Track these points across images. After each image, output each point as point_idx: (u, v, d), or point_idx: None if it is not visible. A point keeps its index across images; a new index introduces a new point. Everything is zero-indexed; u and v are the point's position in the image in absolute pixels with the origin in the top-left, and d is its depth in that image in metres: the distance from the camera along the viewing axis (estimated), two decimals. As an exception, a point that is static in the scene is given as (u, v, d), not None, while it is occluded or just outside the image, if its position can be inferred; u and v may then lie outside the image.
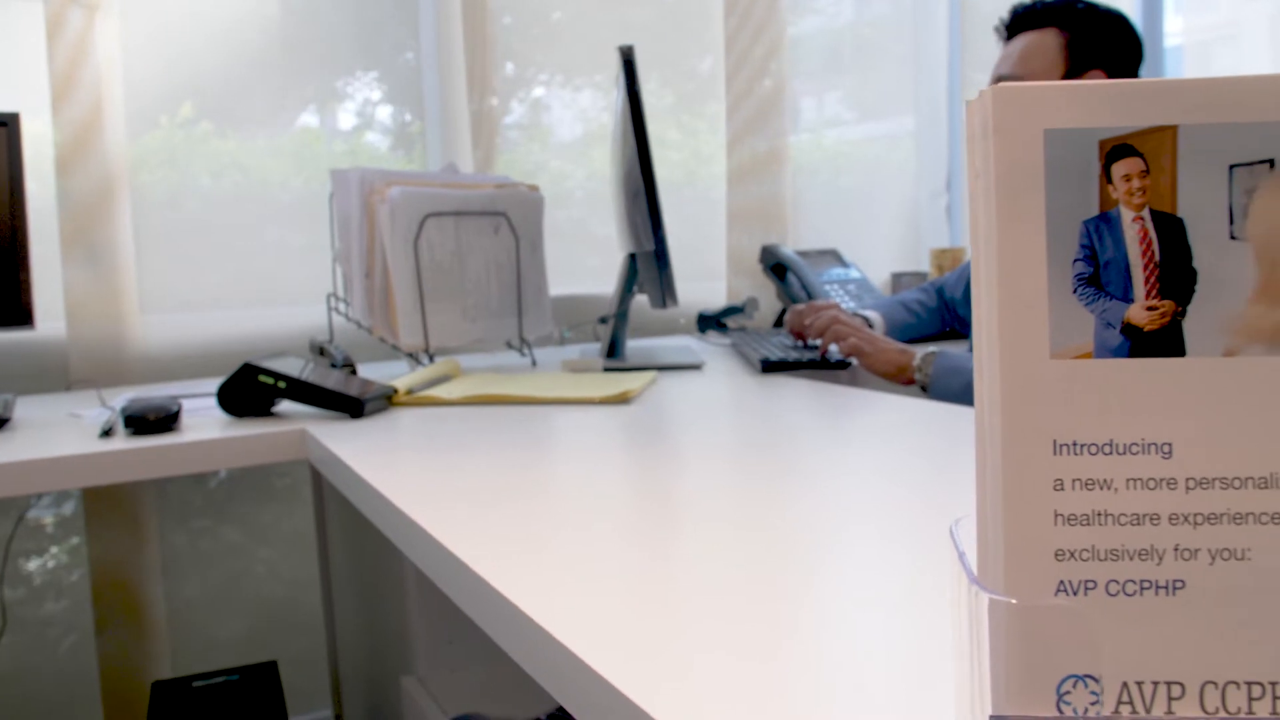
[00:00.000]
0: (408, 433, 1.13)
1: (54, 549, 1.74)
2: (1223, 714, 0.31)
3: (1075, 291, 0.32)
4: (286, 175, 1.89)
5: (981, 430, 0.33)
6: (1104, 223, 0.32)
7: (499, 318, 1.58)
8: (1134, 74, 1.54)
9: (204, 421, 1.22)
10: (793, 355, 1.45)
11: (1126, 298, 0.32)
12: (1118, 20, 1.55)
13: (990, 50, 1.70)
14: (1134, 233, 0.32)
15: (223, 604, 1.82)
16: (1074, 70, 1.51)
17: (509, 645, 0.61)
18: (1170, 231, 0.32)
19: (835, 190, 2.40)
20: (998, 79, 1.57)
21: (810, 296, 1.87)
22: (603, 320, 1.58)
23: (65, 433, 1.20)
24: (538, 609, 0.57)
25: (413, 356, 1.56)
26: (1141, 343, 0.31)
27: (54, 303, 1.60)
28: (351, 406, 1.20)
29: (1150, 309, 0.31)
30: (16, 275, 1.36)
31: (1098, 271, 0.32)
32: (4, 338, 1.57)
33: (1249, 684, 0.31)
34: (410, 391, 1.29)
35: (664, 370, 1.48)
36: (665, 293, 1.41)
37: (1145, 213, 0.32)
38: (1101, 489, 0.31)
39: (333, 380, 1.24)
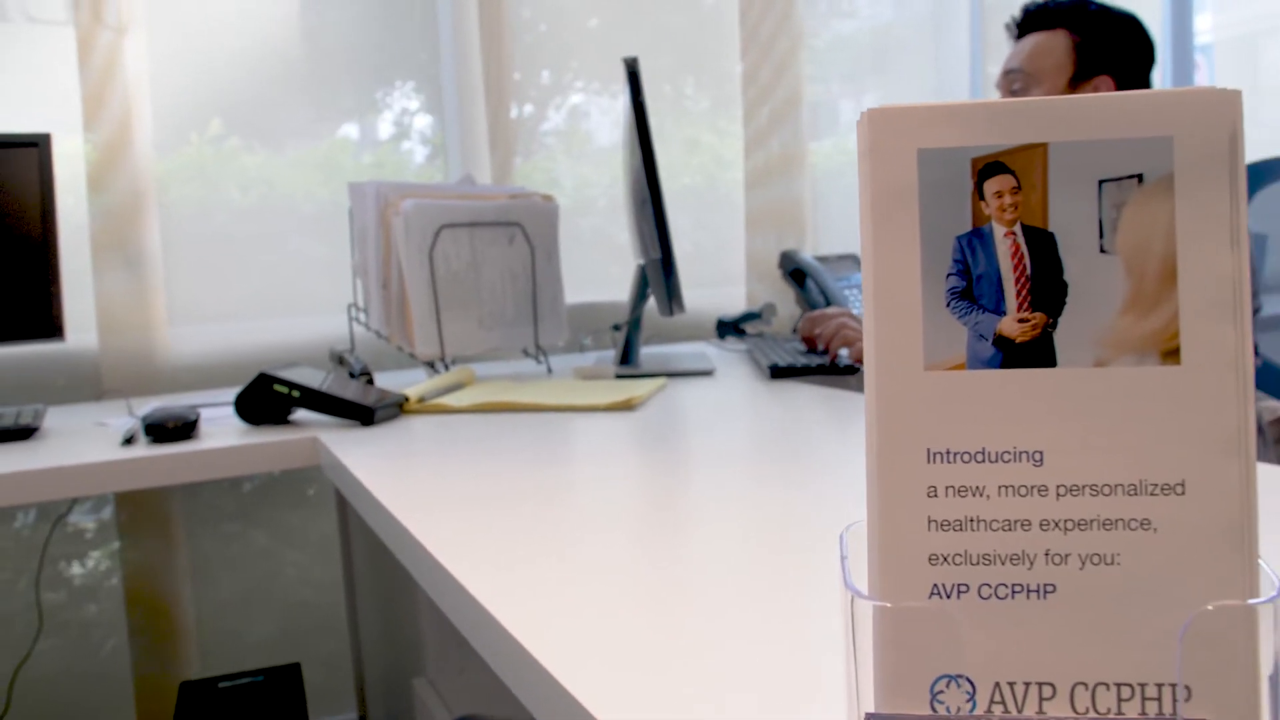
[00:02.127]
0: (415, 440, 1.15)
1: (94, 553, 1.80)
2: (1093, 714, 0.32)
3: (949, 305, 0.33)
4: (313, 188, 1.93)
5: (866, 439, 0.34)
6: (977, 238, 0.33)
7: (515, 326, 1.61)
8: (1145, 79, 1.52)
9: (222, 429, 1.26)
10: (801, 360, 1.45)
11: (999, 310, 0.33)
12: (1130, 24, 1.53)
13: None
14: (1006, 247, 0.33)
15: (254, 607, 1.86)
16: (1081, 74, 1.50)
17: (489, 655, 0.62)
18: (1041, 246, 0.33)
19: (857, 194, 2.39)
20: (1006, 73, 1.56)
21: (829, 302, 1.87)
22: (616, 327, 1.60)
23: (90, 441, 1.24)
24: (515, 620, 0.58)
25: (430, 365, 1.59)
26: (1013, 354, 0.33)
27: (87, 315, 1.65)
28: (362, 414, 1.23)
29: (1022, 321, 0.32)
30: (48, 289, 1.41)
31: (971, 285, 0.33)
32: (39, 350, 1.63)
33: (1119, 685, 0.32)
34: (421, 400, 1.32)
35: (675, 376, 1.50)
36: (672, 300, 1.42)
37: (1017, 228, 0.33)
38: (974, 496, 0.32)
39: (345, 389, 1.27)
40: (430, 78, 2.04)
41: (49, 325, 1.41)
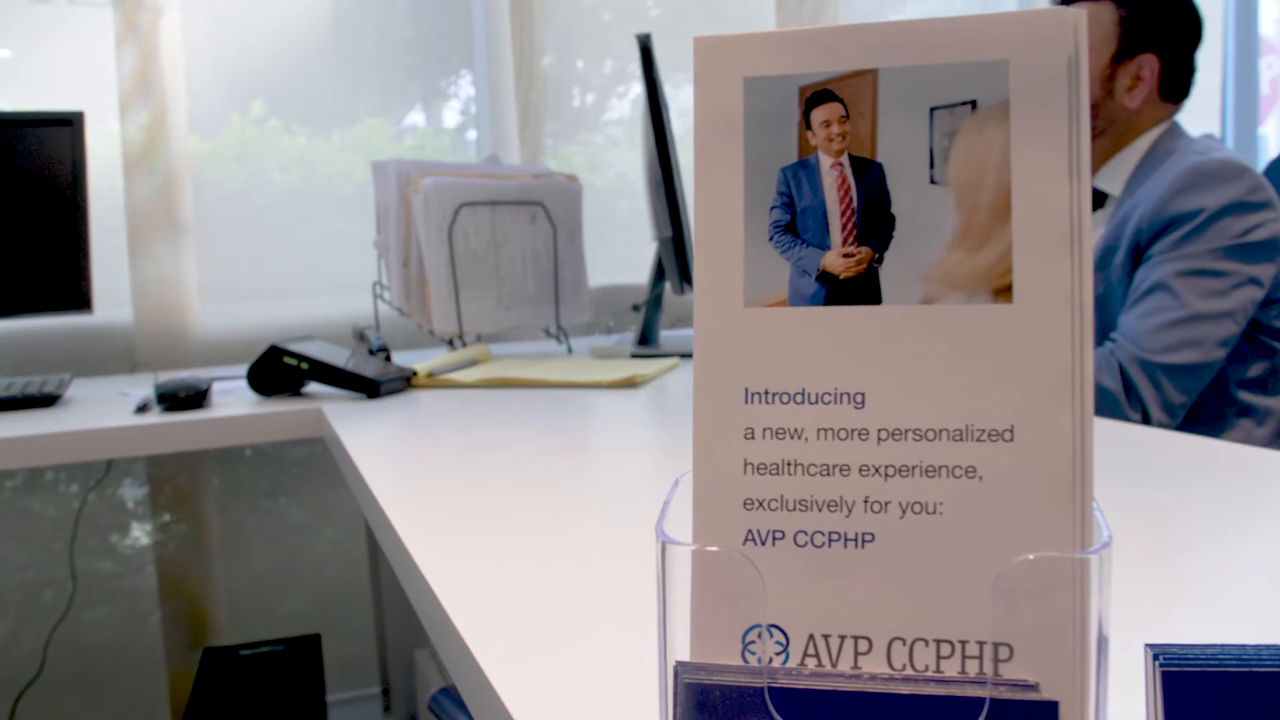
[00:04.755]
0: (416, 413, 1.16)
1: (131, 525, 1.85)
2: (910, 671, 0.30)
3: (771, 239, 0.31)
4: (354, 170, 1.96)
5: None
6: (802, 169, 0.31)
7: (535, 306, 1.61)
8: (1190, 59, 1.46)
9: (234, 400, 1.28)
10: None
11: (823, 245, 0.31)
12: (1179, 1, 1.46)
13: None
14: (832, 179, 0.31)
15: (287, 581, 1.90)
16: (1125, 50, 1.44)
17: (426, 621, 0.62)
18: (869, 177, 0.31)
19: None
20: None
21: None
22: (635, 308, 1.59)
23: (108, 409, 1.28)
24: (442, 583, 0.57)
25: (449, 343, 1.60)
26: (837, 290, 0.31)
27: (124, 292, 1.70)
28: (368, 387, 1.24)
29: (846, 256, 0.31)
30: (79, 262, 1.45)
31: (795, 219, 0.31)
32: (78, 323, 1.68)
33: (938, 641, 0.30)
34: (430, 375, 1.33)
35: (690, 357, 1.48)
36: (684, 278, 1.41)
37: (844, 158, 0.31)
38: (792, 438, 0.31)
39: (356, 363, 1.29)
40: (476, 65, 2.05)
41: (79, 297, 1.45)
